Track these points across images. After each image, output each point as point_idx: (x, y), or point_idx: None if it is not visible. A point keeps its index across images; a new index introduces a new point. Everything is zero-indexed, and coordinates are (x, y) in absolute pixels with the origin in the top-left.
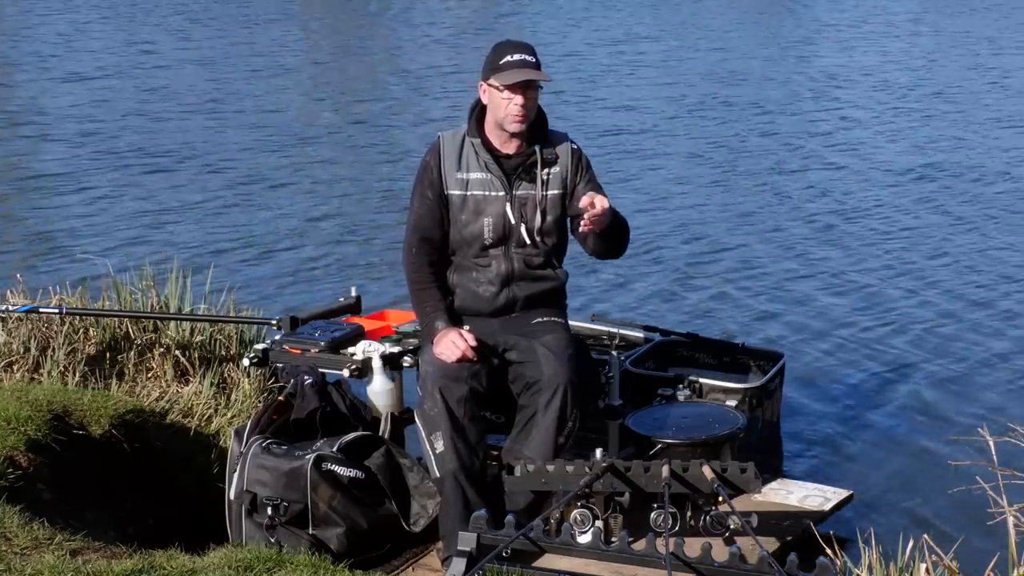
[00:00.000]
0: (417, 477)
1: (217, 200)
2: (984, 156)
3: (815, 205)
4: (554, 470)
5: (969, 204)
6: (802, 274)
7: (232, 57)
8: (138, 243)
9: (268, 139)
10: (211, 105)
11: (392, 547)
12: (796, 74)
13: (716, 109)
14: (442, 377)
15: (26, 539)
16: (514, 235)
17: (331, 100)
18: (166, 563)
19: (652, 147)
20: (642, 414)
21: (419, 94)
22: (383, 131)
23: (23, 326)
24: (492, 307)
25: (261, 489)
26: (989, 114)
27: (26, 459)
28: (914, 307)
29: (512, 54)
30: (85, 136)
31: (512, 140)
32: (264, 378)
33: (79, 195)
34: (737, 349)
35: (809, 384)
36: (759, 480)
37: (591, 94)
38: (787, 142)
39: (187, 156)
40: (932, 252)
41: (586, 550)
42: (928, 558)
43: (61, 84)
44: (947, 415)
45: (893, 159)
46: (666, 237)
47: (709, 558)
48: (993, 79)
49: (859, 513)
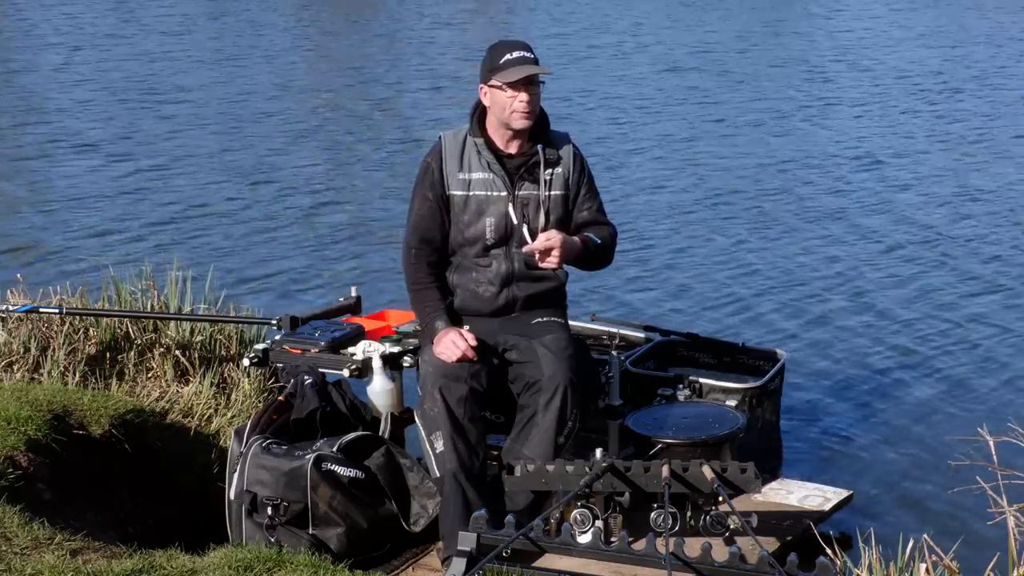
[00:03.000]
0: (417, 477)
1: (217, 200)
2: (990, 155)
3: (815, 205)
4: (554, 470)
5: (970, 204)
6: (802, 274)
7: (231, 58)
8: (138, 243)
9: (268, 139)
10: (211, 105)
11: (392, 547)
12: (796, 72)
13: (716, 109)
14: (442, 377)
15: (26, 539)
16: (516, 235)
17: (331, 100)
18: (166, 563)
19: (652, 147)
20: (642, 414)
21: (420, 94)
22: (384, 131)
23: (23, 326)
24: (492, 307)
25: (261, 489)
26: (997, 112)
27: (26, 459)
28: (914, 307)
29: (511, 52)
30: (85, 136)
31: (515, 140)
32: (264, 378)
33: (79, 195)
34: (737, 349)
35: (809, 384)
36: (759, 480)
37: (590, 93)
38: (788, 142)
39: (187, 156)
40: (933, 252)
41: (586, 550)
42: (928, 558)
43: (61, 84)
44: (947, 415)
45: (894, 158)
46: (666, 237)
47: (709, 558)
48: (1003, 75)
49: (859, 513)
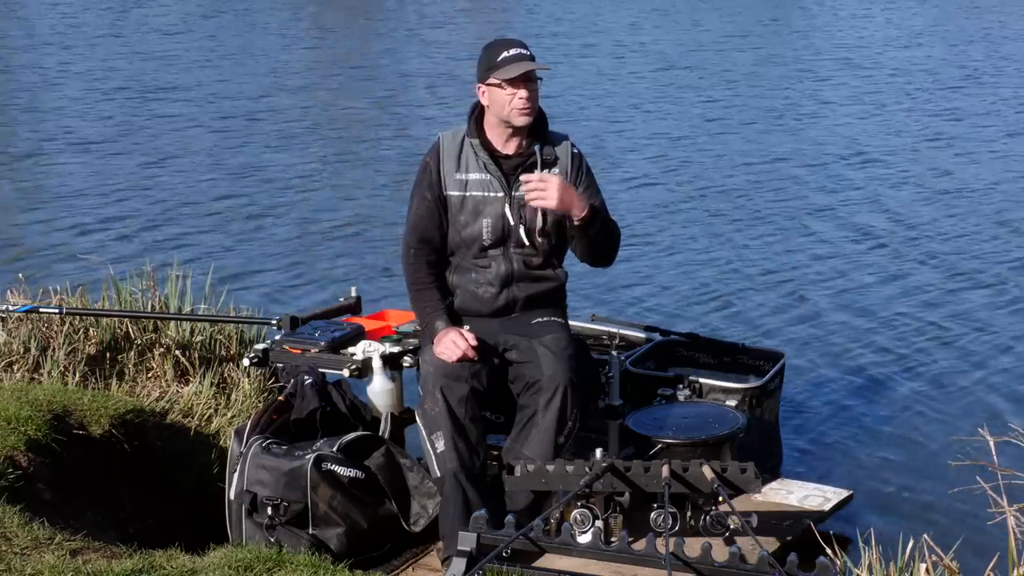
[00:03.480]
0: (417, 477)
1: (217, 200)
2: (992, 156)
3: (815, 205)
4: (554, 470)
5: (970, 204)
6: (802, 274)
7: (230, 57)
8: (138, 243)
9: (268, 138)
10: (211, 105)
11: (392, 547)
12: (797, 70)
13: (716, 109)
14: (443, 377)
15: (26, 539)
16: (513, 236)
17: (331, 99)
18: (166, 563)
19: (650, 146)
20: (642, 414)
21: (420, 93)
22: (384, 130)
23: (23, 326)
24: (492, 308)
25: (261, 489)
26: (1001, 112)
27: (26, 459)
28: (915, 307)
29: (508, 49)
30: (85, 136)
31: (513, 139)
32: (264, 378)
33: (79, 195)
34: (737, 349)
35: (809, 384)
36: (759, 480)
37: (589, 92)
38: (788, 141)
39: (187, 156)
40: (933, 252)
41: (586, 550)
42: (928, 558)
43: (61, 84)
44: (947, 415)
45: (894, 158)
46: (666, 237)
47: (709, 558)
48: (998, 74)
49: (859, 513)
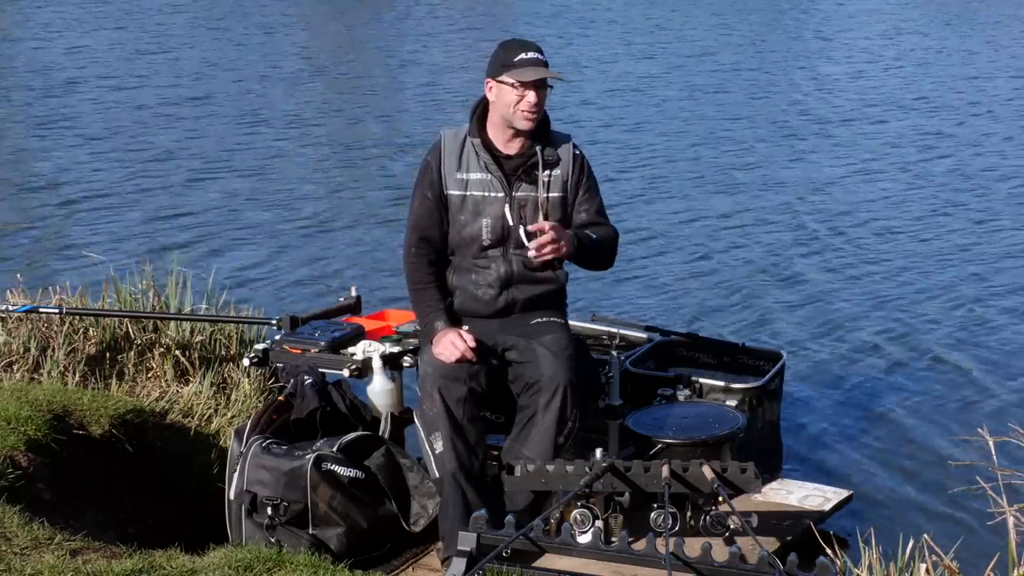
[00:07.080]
0: (417, 477)
1: (218, 200)
2: (993, 154)
3: (816, 204)
4: (554, 470)
5: (971, 204)
6: (802, 274)
7: (231, 57)
8: (138, 243)
9: (268, 138)
10: (210, 105)
11: (392, 547)
12: (798, 71)
13: (716, 109)
14: (441, 377)
15: (26, 539)
16: (512, 237)
17: (331, 99)
18: (166, 563)
19: (652, 146)
20: (642, 414)
21: (421, 92)
22: (384, 130)
23: (23, 326)
24: (491, 309)
25: (261, 489)
26: (1002, 111)
27: (26, 459)
28: (915, 307)
29: (525, 52)
30: (85, 137)
31: (514, 140)
32: (264, 378)
33: (80, 195)
34: (737, 349)
35: (809, 384)
36: (759, 480)
37: (589, 91)
38: (788, 141)
39: (187, 156)
40: (933, 252)
41: (586, 550)
42: (928, 558)
43: (61, 84)
44: (947, 415)
45: (895, 157)
46: (666, 237)
47: (709, 558)
48: (1001, 81)
49: (859, 513)
